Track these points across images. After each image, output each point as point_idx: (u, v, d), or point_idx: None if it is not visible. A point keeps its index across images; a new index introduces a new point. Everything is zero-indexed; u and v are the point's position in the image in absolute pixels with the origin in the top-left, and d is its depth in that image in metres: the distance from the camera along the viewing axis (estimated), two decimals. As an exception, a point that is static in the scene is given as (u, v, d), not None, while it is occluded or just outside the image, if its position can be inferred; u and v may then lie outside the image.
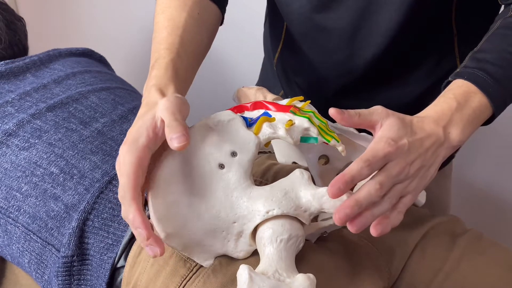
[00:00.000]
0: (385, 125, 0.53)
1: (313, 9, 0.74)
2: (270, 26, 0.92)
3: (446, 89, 0.59)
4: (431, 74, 0.77)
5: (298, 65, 0.85)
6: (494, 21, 0.66)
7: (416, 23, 0.71)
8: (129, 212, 0.50)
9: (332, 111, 0.52)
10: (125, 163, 0.51)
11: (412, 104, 0.62)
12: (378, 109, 0.54)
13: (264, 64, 1.01)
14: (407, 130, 0.53)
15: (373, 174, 0.52)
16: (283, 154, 0.72)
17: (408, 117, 0.56)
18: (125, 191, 0.51)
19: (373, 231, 0.51)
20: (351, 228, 0.50)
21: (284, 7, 0.78)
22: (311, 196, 0.54)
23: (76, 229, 0.65)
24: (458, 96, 0.57)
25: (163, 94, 0.57)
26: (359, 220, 0.50)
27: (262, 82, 1.00)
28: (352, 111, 0.53)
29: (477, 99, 0.57)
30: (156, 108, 0.54)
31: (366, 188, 0.50)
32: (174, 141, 0.50)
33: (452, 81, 0.60)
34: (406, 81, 0.78)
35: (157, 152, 0.55)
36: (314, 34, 0.77)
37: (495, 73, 0.58)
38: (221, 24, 0.77)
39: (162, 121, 0.53)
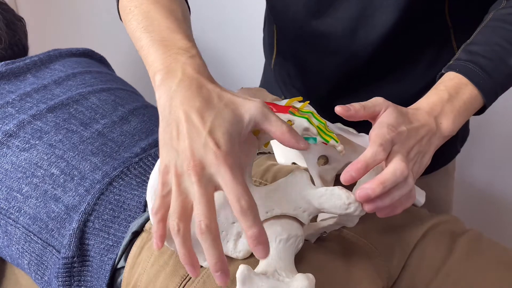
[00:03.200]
0: (384, 113, 0.56)
1: (309, 15, 0.74)
2: (268, 32, 0.92)
3: (438, 82, 0.62)
4: (430, 68, 0.78)
5: (295, 70, 0.85)
6: (488, 12, 0.67)
7: (412, 20, 0.71)
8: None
9: (338, 109, 0.54)
10: (236, 178, 0.46)
11: (413, 100, 0.63)
12: (379, 100, 0.57)
13: (265, 68, 1.01)
14: (404, 118, 0.56)
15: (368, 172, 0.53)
16: (282, 154, 0.72)
17: (404, 108, 0.58)
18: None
19: (380, 214, 0.54)
20: (366, 207, 0.52)
21: (280, 14, 0.78)
22: (310, 196, 0.54)
23: (76, 230, 0.65)
24: (449, 88, 0.60)
25: (225, 90, 0.50)
26: (376, 203, 0.52)
27: (264, 86, 1.00)
28: (356, 106, 0.56)
29: (468, 91, 0.60)
30: (241, 108, 0.48)
31: (391, 169, 0.51)
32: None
33: (445, 73, 0.62)
34: (405, 77, 0.79)
35: None
36: (311, 39, 0.77)
37: (486, 65, 0.60)
38: None
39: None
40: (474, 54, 0.62)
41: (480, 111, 0.62)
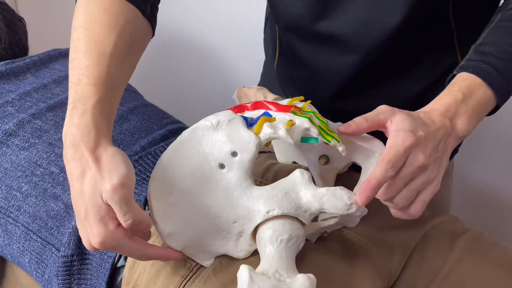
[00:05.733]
0: (396, 120, 0.55)
1: (315, 18, 0.73)
2: (270, 32, 0.92)
3: (451, 82, 0.61)
4: (432, 70, 0.77)
5: (298, 72, 0.85)
6: (495, 13, 0.67)
7: (418, 23, 0.71)
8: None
9: (340, 129, 0.55)
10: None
11: (415, 101, 0.63)
12: (383, 108, 0.56)
13: (265, 69, 1.00)
14: (419, 122, 0.55)
15: None
16: (283, 154, 0.72)
17: (413, 112, 0.57)
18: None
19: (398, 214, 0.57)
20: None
21: (283, 16, 0.77)
22: (312, 196, 0.53)
23: (76, 229, 0.65)
24: (463, 89, 0.59)
25: (97, 160, 0.50)
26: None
27: (263, 85, 1.00)
28: (358, 119, 0.55)
29: (482, 91, 0.59)
30: (101, 187, 0.49)
31: (393, 188, 0.54)
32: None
33: (456, 74, 0.61)
34: (407, 79, 0.78)
35: None
36: (316, 41, 0.76)
37: (498, 65, 0.60)
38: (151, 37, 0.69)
39: (112, 210, 0.50)
40: (486, 54, 0.61)
41: (491, 112, 0.61)
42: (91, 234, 0.50)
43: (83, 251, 0.65)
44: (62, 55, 0.94)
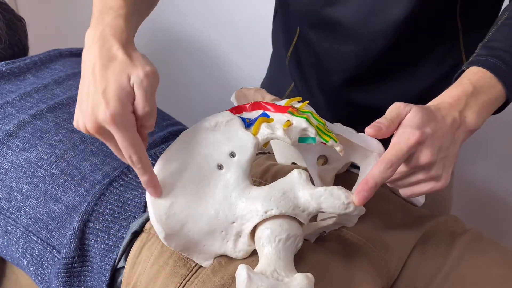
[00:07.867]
0: (407, 116, 0.55)
1: (323, 4, 0.74)
2: (282, 22, 0.92)
3: (461, 76, 0.60)
4: (437, 68, 0.78)
5: (310, 58, 0.85)
6: (501, 13, 0.67)
7: (423, 16, 0.71)
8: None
9: (368, 131, 0.54)
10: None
11: (419, 98, 0.62)
12: (400, 106, 0.56)
13: (272, 61, 1.00)
14: (430, 117, 0.55)
15: None
16: (282, 154, 0.72)
17: (425, 106, 0.57)
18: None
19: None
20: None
21: (295, 3, 0.78)
22: (310, 196, 0.54)
23: (77, 231, 0.65)
24: (473, 82, 0.58)
25: (128, 53, 0.54)
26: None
27: (270, 78, 0.99)
28: (385, 122, 0.55)
29: (492, 84, 0.59)
30: (131, 72, 0.52)
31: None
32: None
33: (465, 69, 0.61)
34: (413, 75, 0.79)
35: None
36: (325, 27, 0.77)
37: (508, 60, 0.59)
38: None
39: (133, 96, 0.53)
40: (496, 49, 0.61)
41: (501, 108, 0.61)
42: (105, 108, 0.50)
43: (84, 253, 0.66)
44: (62, 55, 0.94)
